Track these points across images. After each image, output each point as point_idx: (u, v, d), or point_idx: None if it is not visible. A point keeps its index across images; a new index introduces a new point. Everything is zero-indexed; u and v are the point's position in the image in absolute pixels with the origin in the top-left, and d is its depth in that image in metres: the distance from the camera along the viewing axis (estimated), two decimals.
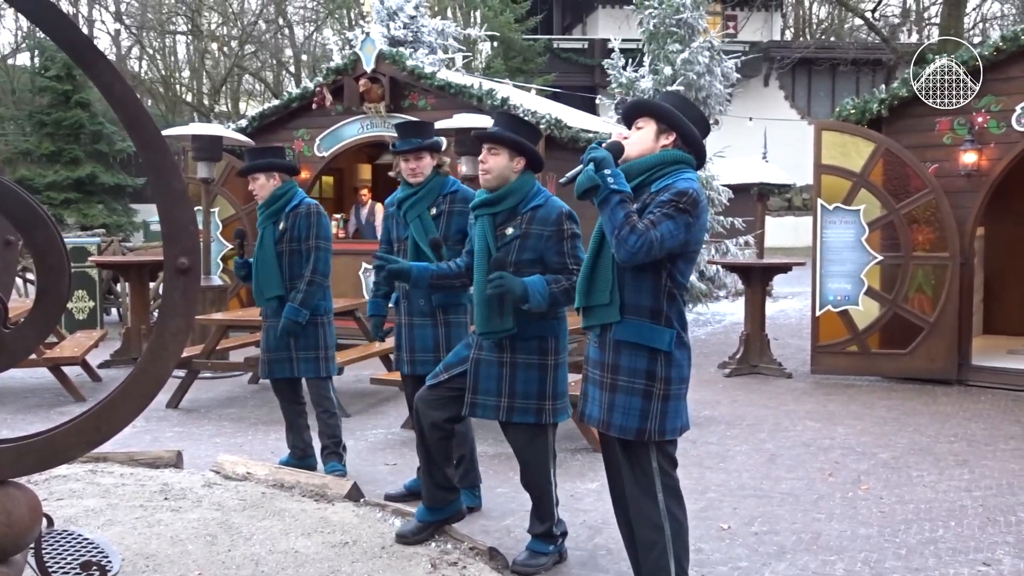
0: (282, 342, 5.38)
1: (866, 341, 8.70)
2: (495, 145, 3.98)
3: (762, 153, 20.35)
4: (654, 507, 3.31)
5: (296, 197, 5.42)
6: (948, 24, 20.67)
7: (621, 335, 3.28)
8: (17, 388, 8.32)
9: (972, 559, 4.27)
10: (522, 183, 3.99)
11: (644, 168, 3.27)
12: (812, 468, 5.79)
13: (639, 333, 3.25)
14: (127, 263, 10.14)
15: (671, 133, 3.29)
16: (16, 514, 2.91)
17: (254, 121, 12.07)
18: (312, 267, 5.34)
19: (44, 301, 2.96)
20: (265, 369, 5.49)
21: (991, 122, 8.27)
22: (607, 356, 3.33)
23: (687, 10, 14.49)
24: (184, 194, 2.97)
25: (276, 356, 5.42)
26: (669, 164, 3.27)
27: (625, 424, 3.29)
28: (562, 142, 10.68)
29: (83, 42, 2.83)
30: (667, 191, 3.18)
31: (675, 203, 3.14)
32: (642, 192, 3.26)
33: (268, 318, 5.47)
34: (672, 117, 3.29)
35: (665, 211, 3.13)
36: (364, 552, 3.99)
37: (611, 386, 3.32)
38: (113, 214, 24.01)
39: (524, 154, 3.99)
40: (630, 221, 3.09)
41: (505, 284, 3.71)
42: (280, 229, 5.37)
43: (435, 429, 4.08)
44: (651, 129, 3.31)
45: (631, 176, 3.26)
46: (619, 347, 3.29)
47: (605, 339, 3.33)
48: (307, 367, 5.44)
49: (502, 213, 3.98)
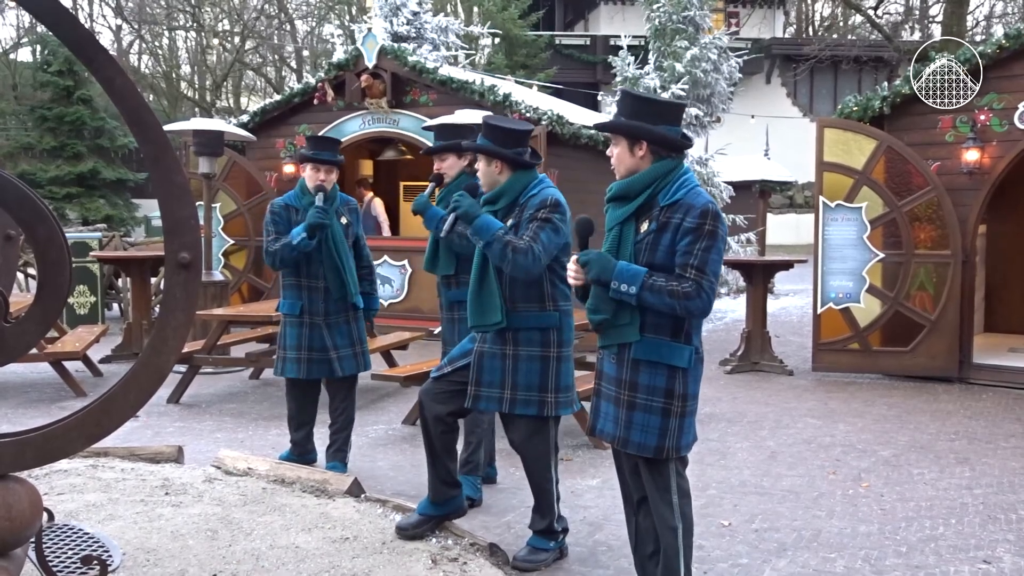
0: (347, 338, 5.35)
1: (867, 339, 8.70)
2: (478, 153, 4.12)
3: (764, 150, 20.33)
4: (669, 509, 3.31)
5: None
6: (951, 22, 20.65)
7: (641, 354, 3.24)
8: (18, 383, 8.33)
9: (972, 557, 4.26)
10: (513, 182, 4.05)
11: (643, 186, 3.25)
12: (813, 465, 5.79)
13: (659, 351, 3.22)
14: (128, 258, 10.14)
15: (642, 144, 3.27)
16: (17, 508, 2.92)
17: (256, 116, 12.08)
18: (370, 256, 5.61)
19: (45, 296, 2.96)
20: (336, 367, 5.31)
21: (993, 120, 8.26)
22: (625, 373, 3.29)
23: (694, 7, 14.49)
24: (185, 188, 2.97)
25: (344, 353, 5.35)
26: (663, 176, 3.25)
27: (643, 442, 3.26)
28: (563, 138, 10.68)
29: (83, 36, 2.83)
30: (688, 212, 3.15)
31: (702, 225, 3.14)
32: (651, 207, 3.24)
33: (330, 315, 5.32)
34: (637, 130, 3.26)
35: (705, 243, 3.13)
36: (364, 548, 3.99)
37: (629, 403, 3.28)
38: (115, 209, 24.00)
39: (499, 158, 4.05)
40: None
41: (463, 203, 3.94)
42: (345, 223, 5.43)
43: (438, 423, 4.10)
44: (623, 145, 3.30)
45: (631, 194, 3.26)
46: (638, 365, 3.26)
47: (624, 357, 3.29)
48: (367, 359, 5.50)
49: (502, 210, 4.04)
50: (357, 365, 5.40)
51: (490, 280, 4.00)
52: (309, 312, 5.29)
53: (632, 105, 3.31)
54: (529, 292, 4.01)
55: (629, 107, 3.31)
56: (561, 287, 4.08)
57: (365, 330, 5.54)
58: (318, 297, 5.28)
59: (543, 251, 3.85)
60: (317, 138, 5.40)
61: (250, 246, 11.65)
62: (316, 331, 5.29)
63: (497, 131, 4.07)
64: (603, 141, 11.12)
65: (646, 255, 3.21)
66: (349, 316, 5.38)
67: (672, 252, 3.17)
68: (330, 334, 5.30)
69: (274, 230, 5.27)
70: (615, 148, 3.33)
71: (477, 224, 3.89)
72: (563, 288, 4.08)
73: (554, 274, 4.04)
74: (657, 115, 3.27)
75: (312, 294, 5.28)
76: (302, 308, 5.29)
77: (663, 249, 3.18)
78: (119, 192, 24.88)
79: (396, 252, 11.23)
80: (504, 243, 3.82)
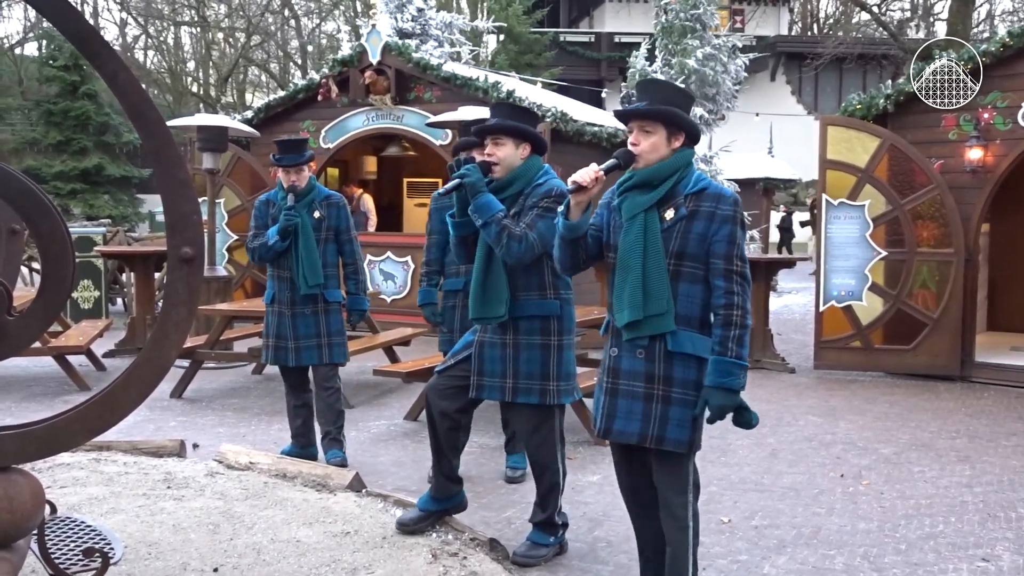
0: (312, 329, 5.45)
1: (869, 337, 8.70)
2: (499, 135, 4.01)
3: (768, 148, 20.33)
4: (683, 507, 3.28)
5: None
6: (956, 20, 20.61)
7: (677, 346, 3.20)
8: (22, 377, 8.36)
9: (972, 555, 4.27)
10: (527, 167, 4.04)
11: (669, 173, 3.24)
12: (813, 463, 5.79)
13: (692, 344, 3.20)
14: (132, 253, 10.17)
15: (681, 134, 3.27)
16: (19, 500, 2.93)
17: (260, 112, 12.09)
18: (357, 256, 5.67)
19: (48, 289, 2.97)
20: (290, 356, 5.45)
21: (997, 118, 8.25)
22: (658, 368, 3.23)
23: (703, 5, 14.50)
24: (188, 183, 2.98)
25: (305, 344, 5.45)
26: (686, 165, 3.28)
27: (679, 438, 3.22)
28: (568, 135, 10.68)
29: (87, 30, 2.84)
30: (720, 201, 3.18)
31: (736, 214, 3.18)
32: (674, 196, 3.23)
33: (296, 305, 5.45)
34: (679, 119, 3.26)
35: (740, 232, 3.19)
36: (365, 542, 4.01)
37: (664, 398, 3.22)
38: (119, 205, 24.04)
39: (527, 139, 4.04)
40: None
41: (472, 175, 3.89)
42: (317, 217, 5.51)
43: (444, 418, 4.10)
44: (662, 135, 3.26)
45: (656, 182, 3.24)
46: (671, 358, 3.21)
47: (655, 351, 3.23)
48: (337, 352, 5.55)
49: (509, 199, 4.02)
50: (320, 356, 5.47)
51: (496, 271, 3.98)
52: (278, 301, 5.49)
53: (671, 94, 3.31)
54: (529, 280, 4.01)
55: (667, 97, 3.29)
56: (563, 276, 4.08)
57: (341, 323, 5.59)
58: (285, 287, 5.46)
59: (538, 239, 3.87)
60: (282, 142, 5.54)
61: None
62: (283, 320, 5.47)
63: (520, 113, 4.11)
64: (607, 138, 11.11)
65: (677, 242, 3.19)
66: (319, 308, 5.47)
67: (704, 239, 3.17)
68: (293, 323, 5.45)
69: (254, 225, 5.59)
70: (648, 137, 3.25)
71: (479, 201, 3.89)
72: (565, 277, 4.08)
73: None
74: (687, 106, 3.34)
75: (281, 283, 5.49)
76: (273, 297, 5.51)
77: (696, 237, 3.17)
78: (124, 188, 24.91)
79: (399, 248, 11.24)
80: (501, 226, 3.86)
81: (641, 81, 3.44)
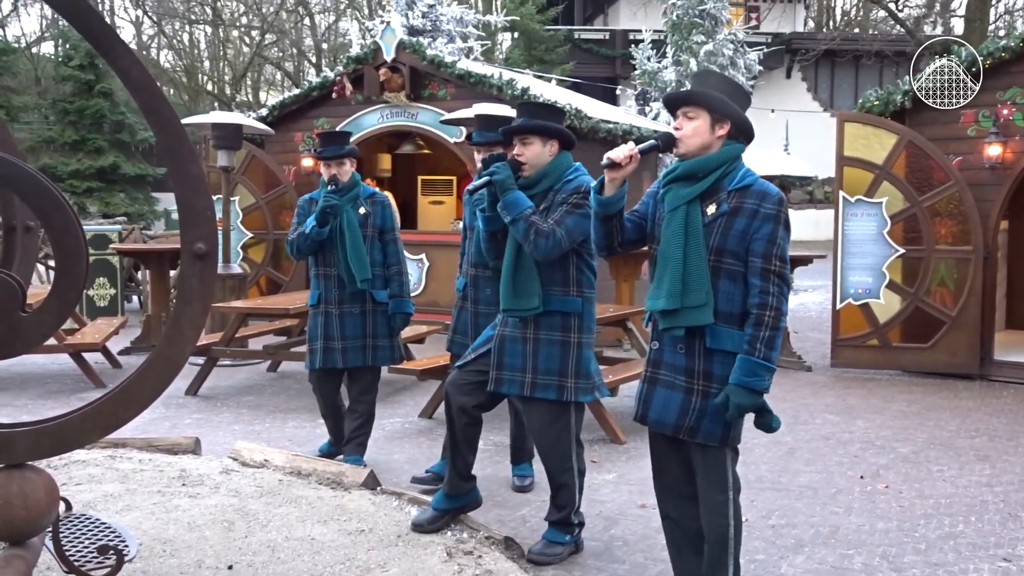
0: (359, 330, 5.31)
1: (887, 335, 8.63)
2: (526, 135, 4.02)
3: (784, 145, 20.23)
4: (724, 504, 3.27)
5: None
6: (974, 16, 20.46)
7: (716, 343, 3.18)
8: (38, 374, 8.39)
9: (992, 555, 4.22)
10: (556, 164, 4.05)
11: (715, 166, 3.20)
12: (831, 462, 5.75)
13: (732, 341, 3.18)
14: (148, 251, 10.19)
15: (726, 123, 3.23)
16: (33, 497, 2.93)
17: (274, 110, 12.09)
18: (401, 256, 5.50)
19: (61, 285, 2.97)
20: (339, 357, 5.30)
21: (1016, 115, 8.17)
22: (698, 363, 3.22)
23: (711, 1, 14.43)
24: (201, 179, 2.97)
25: (352, 344, 5.31)
26: (732, 159, 3.23)
27: (712, 430, 3.22)
28: (582, 132, 10.63)
29: (101, 27, 2.83)
30: (764, 199, 3.14)
31: (780, 213, 3.14)
32: (717, 190, 3.19)
33: (344, 304, 5.30)
34: (725, 107, 3.22)
35: (783, 232, 3.15)
36: (380, 540, 3.99)
37: (704, 393, 3.21)
38: (135, 203, 24.13)
39: (555, 136, 4.04)
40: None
41: (501, 172, 3.91)
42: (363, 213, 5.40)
43: (463, 414, 4.09)
44: (706, 121, 3.22)
45: (700, 174, 3.20)
46: (712, 354, 3.20)
47: (695, 346, 3.22)
48: (382, 355, 5.41)
49: (538, 195, 4.02)
50: (365, 358, 5.33)
51: (526, 265, 3.96)
52: (324, 301, 5.33)
53: (719, 84, 3.28)
54: (554, 275, 3.99)
55: (718, 86, 3.27)
56: (587, 274, 4.06)
57: (388, 326, 5.42)
58: (332, 285, 5.31)
59: (566, 236, 3.87)
60: (324, 134, 5.48)
61: (268, 239, 11.68)
62: (330, 319, 5.30)
63: (546, 110, 4.15)
64: (621, 135, 11.07)
65: (717, 238, 3.16)
66: (366, 308, 5.33)
67: (745, 237, 3.14)
68: (340, 324, 5.29)
69: (296, 222, 5.41)
70: (692, 121, 3.21)
71: (508, 198, 3.91)
72: (589, 275, 4.07)
73: (580, 259, 4.03)
74: (740, 100, 3.29)
75: (327, 282, 5.33)
76: (319, 297, 5.35)
77: (736, 234, 3.14)
78: (139, 186, 25.02)
79: (414, 246, 11.22)
80: (529, 223, 3.86)
81: (696, 72, 3.41)
